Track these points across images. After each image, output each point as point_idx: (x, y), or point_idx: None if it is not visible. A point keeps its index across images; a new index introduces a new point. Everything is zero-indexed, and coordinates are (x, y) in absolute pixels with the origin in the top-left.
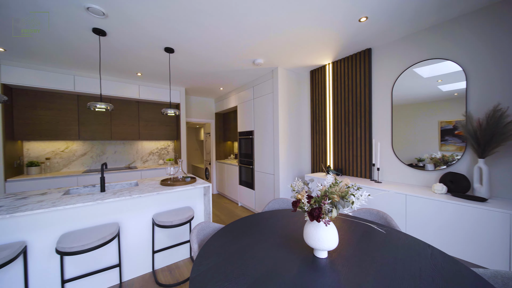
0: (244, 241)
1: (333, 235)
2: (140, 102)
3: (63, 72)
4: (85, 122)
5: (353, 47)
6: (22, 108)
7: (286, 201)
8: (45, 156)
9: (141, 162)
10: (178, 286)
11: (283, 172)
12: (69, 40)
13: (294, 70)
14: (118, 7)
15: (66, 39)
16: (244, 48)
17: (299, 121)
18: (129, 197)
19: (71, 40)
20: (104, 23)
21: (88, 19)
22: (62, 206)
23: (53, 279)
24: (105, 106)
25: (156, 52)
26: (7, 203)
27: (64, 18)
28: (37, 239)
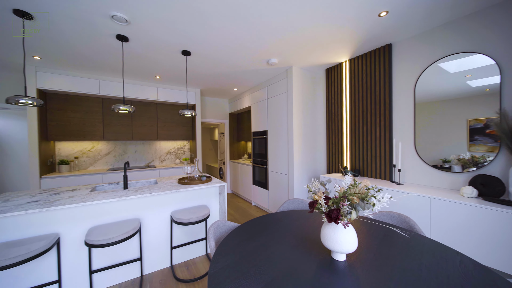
0: (260, 241)
1: (352, 237)
2: (158, 103)
3: (90, 77)
4: (109, 123)
5: (372, 43)
6: (54, 111)
7: (302, 201)
8: (74, 155)
9: (159, 161)
10: (195, 281)
11: (297, 172)
12: (95, 47)
13: (309, 68)
14: (139, 14)
15: (93, 46)
16: (259, 49)
17: (314, 120)
18: (149, 194)
19: (97, 47)
20: (127, 30)
21: (112, 26)
22: (90, 202)
23: (82, 269)
24: (128, 108)
25: (174, 55)
26: (43, 198)
27: (91, 27)
28: (68, 231)
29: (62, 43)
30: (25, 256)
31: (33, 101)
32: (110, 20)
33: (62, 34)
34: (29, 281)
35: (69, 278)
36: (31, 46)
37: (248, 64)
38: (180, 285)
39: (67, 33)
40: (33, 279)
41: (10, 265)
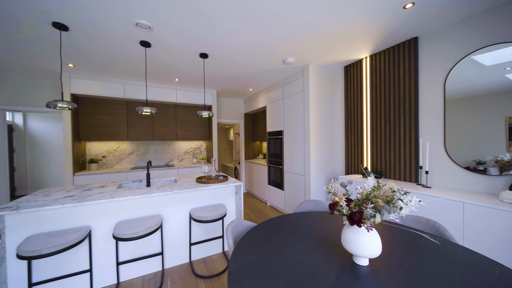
0: (278, 241)
1: (375, 241)
2: (177, 105)
3: (115, 82)
4: (133, 125)
5: (396, 37)
6: (85, 114)
7: (319, 203)
8: (102, 154)
9: (178, 160)
10: (212, 278)
11: (314, 173)
12: (121, 53)
13: (326, 66)
14: (161, 20)
15: (119, 53)
16: (275, 48)
17: (331, 120)
18: (170, 192)
19: (123, 53)
20: (149, 36)
21: (137, 33)
22: (117, 198)
23: (110, 260)
24: (150, 110)
25: (192, 58)
26: (76, 193)
27: (118, 34)
28: (98, 225)
29: (93, 51)
30: (62, 246)
31: (68, 105)
32: (135, 28)
33: (92, 42)
34: (66, 269)
35: (99, 268)
36: (66, 55)
37: (264, 64)
38: (198, 281)
39: (97, 41)
40: (69, 267)
41: (51, 253)
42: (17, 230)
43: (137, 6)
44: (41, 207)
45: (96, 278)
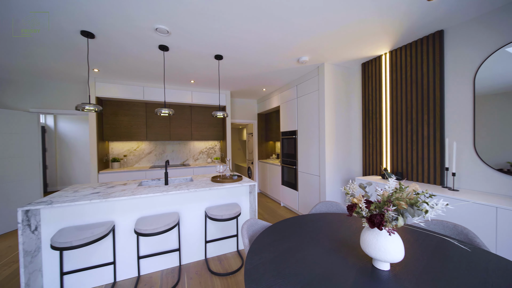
0: (294, 242)
1: (397, 245)
2: (192, 106)
3: (135, 85)
4: (151, 125)
5: (419, 31)
6: (108, 115)
7: (335, 204)
8: (123, 154)
9: (193, 160)
10: (227, 276)
11: (329, 174)
12: (141, 58)
13: (342, 64)
14: (179, 24)
15: (139, 57)
16: (289, 47)
17: (348, 119)
18: (187, 190)
19: (142, 57)
20: (167, 40)
21: (156, 38)
22: (139, 195)
23: (132, 254)
24: (168, 111)
25: (207, 60)
26: (102, 190)
27: (138, 40)
28: (121, 220)
29: (115, 56)
30: (90, 239)
31: (95, 107)
32: (154, 33)
33: (115, 48)
34: (93, 260)
35: (122, 261)
36: (92, 61)
37: (278, 64)
38: (214, 278)
39: (119, 47)
40: (95, 259)
41: (80, 245)
42: (50, 223)
43: (157, 12)
44: (72, 202)
45: (119, 270)
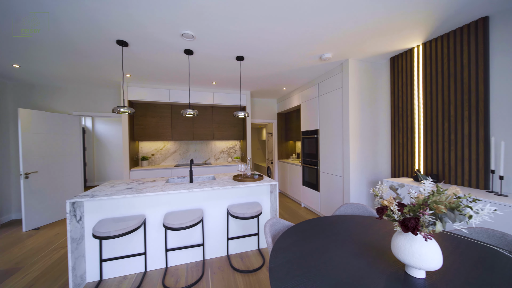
0: (318, 243)
1: (435, 252)
2: (214, 107)
3: (162, 88)
4: (176, 126)
5: (458, 19)
6: (138, 117)
7: (361, 207)
8: (151, 153)
9: (214, 159)
10: (249, 273)
11: (354, 174)
12: (168, 62)
13: (368, 59)
14: (203, 29)
15: (166, 62)
16: (312, 45)
17: (374, 117)
18: (210, 188)
19: (169, 62)
20: (192, 44)
21: (182, 43)
22: (167, 192)
23: (160, 246)
24: (192, 112)
25: (229, 61)
26: (134, 186)
27: (165, 45)
28: (151, 214)
29: (145, 62)
30: (125, 230)
31: (128, 109)
32: (180, 38)
33: (145, 54)
34: (126, 250)
35: (152, 253)
36: (125, 67)
37: (299, 62)
38: (236, 274)
39: (149, 53)
40: (129, 249)
41: (117, 235)
42: (92, 214)
43: (184, 18)
44: (110, 196)
45: (149, 261)
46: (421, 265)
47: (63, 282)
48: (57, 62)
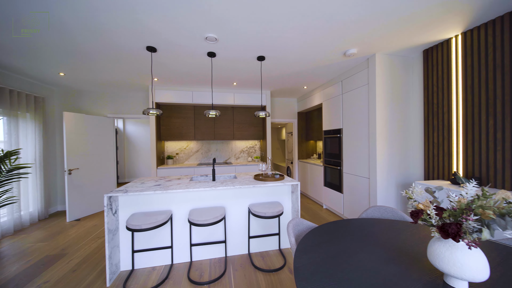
0: (344, 245)
1: (480, 262)
2: (234, 107)
3: (185, 90)
4: (198, 126)
5: (505, 3)
6: (164, 118)
7: (391, 210)
8: (175, 152)
9: (234, 158)
10: (271, 272)
11: (381, 176)
12: (191, 65)
13: (397, 53)
14: (226, 31)
15: (190, 65)
16: (335, 41)
17: (404, 115)
18: (232, 187)
19: (193, 65)
20: (215, 46)
21: (205, 46)
22: (192, 189)
23: (185, 241)
24: (215, 113)
25: (250, 62)
26: (162, 183)
27: (190, 49)
28: (177, 210)
29: (171, 66)
30: (154, 224)
31: (157, 111)
32: (204, 41)
33: (171, 59)
34: (155, 243)
35: (177, 247)
36: (153, 71)
37: (322, 59)
38: (258, 272)
39: (174, 57)
40: (157, 242)
41: (147, 228)
42: (125, 208)
43: (208, 22)
44: (141, 192)
45: (175, 254)
46: (464, 275)
47: (101, 269)
48: (95, 70)
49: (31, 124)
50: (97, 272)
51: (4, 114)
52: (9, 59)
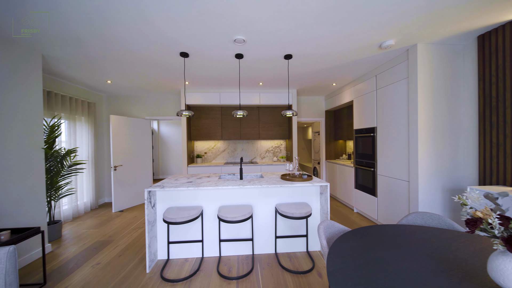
0: (383, 252)
1: None
2: (260, 107)
3: (213, 91)
4: (225, 127)
5: None
6: (194, 119)
7: (437, 217)
8: (204, 151)
9: (260, 158)
10: (299, 275)
11: (423, 179)
12: (220, 68)
13: (443, 42)
14: (254, 32)
15: (218, 68)
16: (369, 34)
17: (453, 111)
18: (259, 186)
19: (221, 67)
20: (243, 48)
21: (233, 48)
22: (221, 187)
23: (215, 236)
24: (242, 113)
25: (277, 61)
26: (193, 180)
27: (218, 52)
28: (207, 206)
29: (200, 69)
30: (187, 218)
31: (189, 113)
32: (232, 44)
33: (201, 62)
34: (187, 236)
35: (207, 241)
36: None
37: (353, 55)
38: (285, 273)
39: (204, 61)
40: (189, 235)
41: (181, 222)
42: (162, 202)
43: (236, 24)
44: (176, 188)
45: (205, 248)
46: None
47: (141, 256)
48: (136, 76)
49: (85, 126)
50: (138, 259)
51: (66, 118)
52: (70, 71)
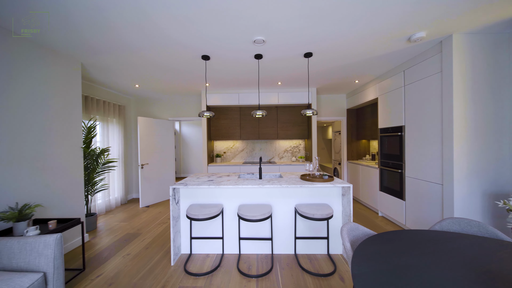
0: (412, 259)
1: None
2: (278, 107)
3: (232, 92)
4: (244, 127)
5: None
6: (213, 119)
7: (477, 224)
8: (223, 151)
9: (278, 158)
10: (320, 277)
11: (460, 183)
12: (239, 69)
13: (484, 30)
14: (273, 31)
15: (237, 69)
16: (396, 26)
17: (495, 107)
18: (279, 186)
19: (240, 68)
20: (262, 48)
21: (252, 48)
22: (241, 186)
23: (234, 234)
24: (261, 113)
25: (295, 60)
26: (214, 179)
27: (238, 53)
28: (227, 204)
29: (220, 71)
30: (209, 215)
31: (210, 113)
32: (252, 45)
33: (221, 64)
34: (208, 232)
35: (228, 238)
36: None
37: (378, 49)
38: (305, 275)
39: (224, 63)
40: (210, 231)
41: (203, 219)
42: (185, 199)
43: (256, 25)
44: (198, 186)
45: (226, 245)
46: None
47: (166, 249)
48: (162, 80)
49: (116, 127)
50: (163, 252)
51: (100, 120)
52: (103, 76)
